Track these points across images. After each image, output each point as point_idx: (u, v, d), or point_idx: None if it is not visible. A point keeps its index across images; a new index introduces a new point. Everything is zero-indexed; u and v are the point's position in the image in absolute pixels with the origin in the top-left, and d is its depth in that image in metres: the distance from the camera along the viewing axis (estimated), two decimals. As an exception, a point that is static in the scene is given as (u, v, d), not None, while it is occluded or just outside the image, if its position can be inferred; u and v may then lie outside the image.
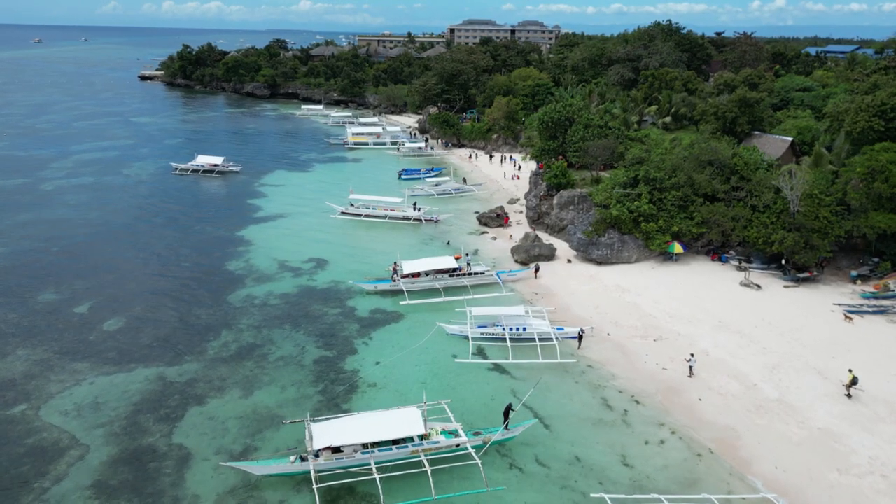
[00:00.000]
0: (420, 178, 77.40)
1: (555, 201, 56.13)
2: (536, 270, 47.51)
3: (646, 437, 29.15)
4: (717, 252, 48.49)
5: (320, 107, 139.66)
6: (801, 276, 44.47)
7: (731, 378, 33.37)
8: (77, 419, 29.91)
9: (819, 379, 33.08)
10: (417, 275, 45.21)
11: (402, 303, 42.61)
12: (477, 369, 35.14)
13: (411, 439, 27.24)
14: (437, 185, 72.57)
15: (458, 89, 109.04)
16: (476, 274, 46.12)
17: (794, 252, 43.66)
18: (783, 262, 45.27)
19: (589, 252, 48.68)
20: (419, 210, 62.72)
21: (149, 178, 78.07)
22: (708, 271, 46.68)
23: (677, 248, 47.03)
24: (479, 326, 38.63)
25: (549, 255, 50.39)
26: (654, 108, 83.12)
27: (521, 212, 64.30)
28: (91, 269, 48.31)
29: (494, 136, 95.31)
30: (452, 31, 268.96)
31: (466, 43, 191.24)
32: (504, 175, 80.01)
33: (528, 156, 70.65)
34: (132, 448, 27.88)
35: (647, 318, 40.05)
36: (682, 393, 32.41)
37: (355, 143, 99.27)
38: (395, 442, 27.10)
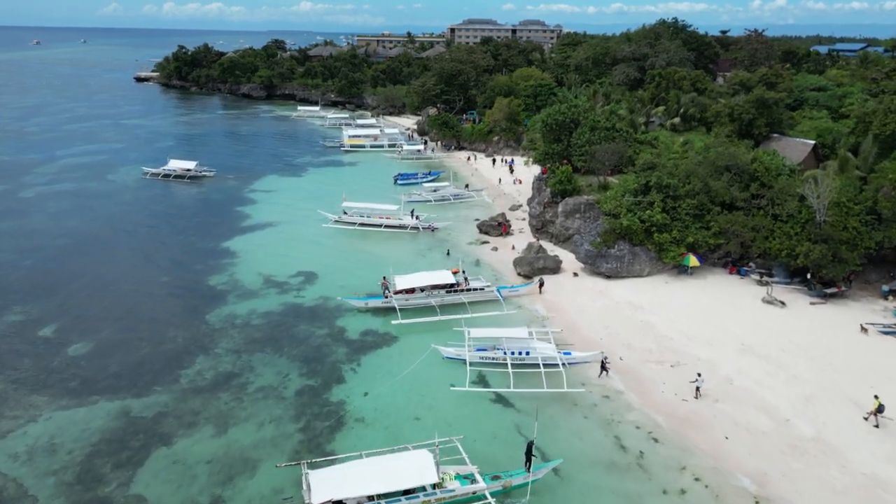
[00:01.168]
0: (417, 183, 73.99)
1: (560, 209, 52.75)
2: (541, 285, 44.13)
3: (665, 484, 25.75)
4: (736, 265, 45.07)
5: (317, 108, 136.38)
6: (829, 291, 41.05)
7: (759, 411, 29.95)
8: (28, 464, 26.61)
9: (858, 413, 29.65)
10: (411, 291, 41.86)
11: (393, 322, 39.25)
12: (476, 400, 31.76)
13: (423, 488, 23.93)
14: (434, 191, 69.19)
15: (458, 90, 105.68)
16: (475, 290, 42.74)
17: (821, 265, 40.22)
18: (808, 276, 41.82)
19: (597, 265, 45.29)
20: (417, 218, 59.35)
21: (134, 183, 74.82)
22: (726, 286, 43.24)
23: (693, 260, 43.61)
24: (478, 350, 35.26)
25: (555, 267, 47.00)
26: (661, 108, 79.76)
27: (524, 219, 60.93)
28: (63, 284, 45.02)
29: (495, 138, 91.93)
30: (453, 30, 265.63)
31: (467, 43, 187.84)
32: (500, 181, 76.21)
33: (531, 159, 67.23)
34: (84, 501, 24.55)
35: (663, 340, 36.64)
36: (706, 429, 29.01)
37: (352, 146, 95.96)
38: (405, 492, 23.79)
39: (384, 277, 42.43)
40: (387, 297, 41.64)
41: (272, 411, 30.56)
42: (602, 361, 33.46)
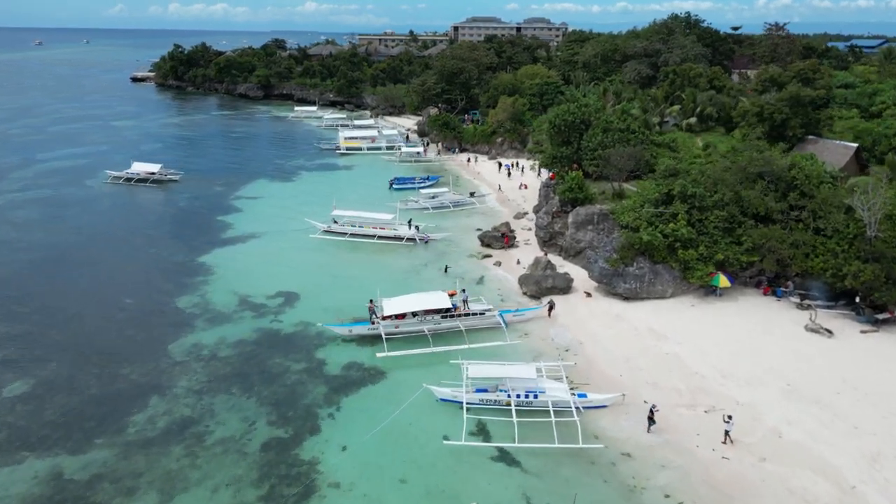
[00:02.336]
0: (415, 188, 68.84)
1: (570, 219, 47.59)
2: (550, 308, 38.97)
3: (711, 577, 20.62)
4: (771, 285, 39.83)
5: (314, 108, 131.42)
6: (881, 317, 35.77)
7: (817, 474, 24.75)
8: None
9: (938, 477, 24.43)
10: (402, 316, 36.78)
11: (379, 355, 34.16)
12: (475, 458, 26.65)
13: None
14: (432, 198, 64.07)
15: (460, 88, 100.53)
16: (475, 315, 37.62)
17: (873, 288, 34.95)
18: (857, 299, 36.53)
19: (614, 285, 40.10)
20: (417, 229, 54.24)
21: (112, 190, 70.05)
22: (762, 310, 37.98)
23: (723, 280, 38.37)
24: (478, 391, 30.18)
25: (565, 287, 41.85)
26: (676, 108, 74.55)
27: (530, 229, 55.77)
28: (12, 309, 40.11)
29: (499, 139, 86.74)
30: (456, 29, 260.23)
31: (470, 40, 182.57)
32: (500, 187, 70.61)
33: (538, 163, 62.07)
34: None
35: (693, 378, 31.44)
36: (754, 499, 23.83)
37: (347, 149, 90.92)
38: None
39: (371, 301, 37.33)
40: (374, 324, 36.59)
41: (231, 471, 25.55)
42: (650, 411, 28.02)
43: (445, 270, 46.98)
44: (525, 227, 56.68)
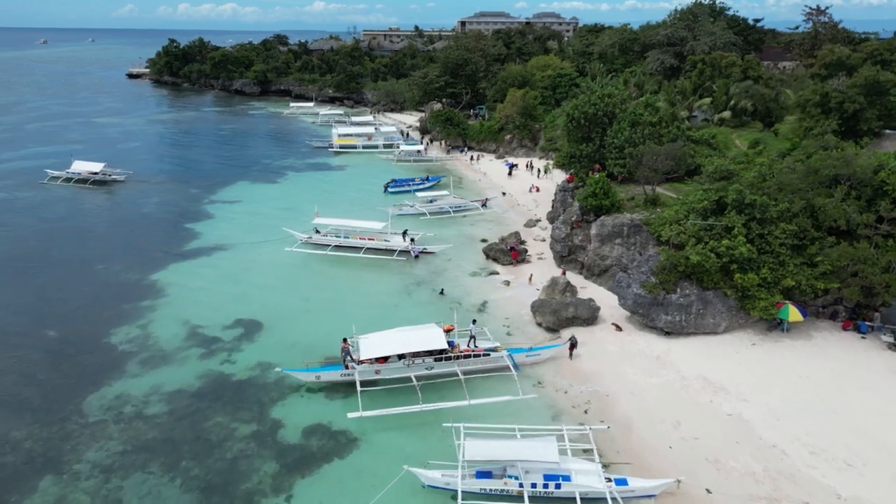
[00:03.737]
0: (413, 191, 60.85)
1: (593, 231, 39.51)
2: (572, 347, 30.90)
3: None
4: (852, 318, 31.56)
5: (311, 104, 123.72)
6: None
7: None
8: None
9: None
10: (384, 359, 28.87)
11: (351, 415, 26.18)
12: (473, 586, 18.70)
13: None
14: (430, 202, 56.04)
15: (465, 81, 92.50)
16: (477, 356, 29.66)
17: None
18: (972, 339, 28.25)
19: (652, 316, 31.95)
20: (411, 240, 46.27)
21: (73, 192, 62.60)
22: (844, 351, 29.72)
23: (793, 313, 30.14)
24: (479, 475, 22.21)
25: (590, 317, 33.77)
26: (707, 100, 66.17)
27: (544, 240, 47.72)
28: None
29: (507, 136, 78.62)
30: (463, 24, 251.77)
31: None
32: (504, 193, 62.28)
33: (552, 164, 54.01)
34: None
35: (771, 455, 23.31)
36: None
37: (341, 147, 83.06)
38: None
39: (345, 339, 29.37)
40: (348, 368, 28.71)
41: None
42: None
43: (442, 293, 39.05)
44: (538, 238, 48.61)
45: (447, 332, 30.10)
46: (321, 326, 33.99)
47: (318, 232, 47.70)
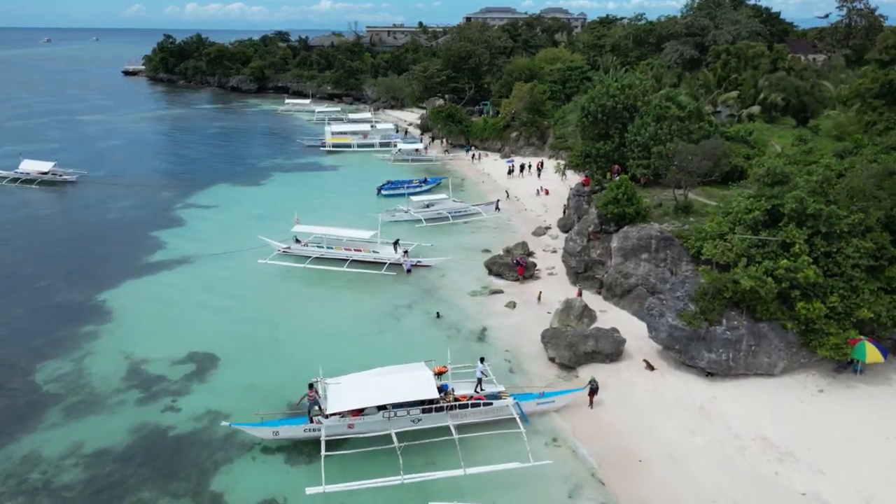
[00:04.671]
0: (410, 194, 54.88)
1: (614, 244, 33.56)
2: (592, 393, 24.94)
3: None
4: (943, 356, 25.52)
5: (307, 101, 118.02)
6: None
7: None
8: None
9: None
10: (359, 412, 23.01)
11: (310, 491, 20.27)
12: None
13: None
14: (426, 206, 50.12)
15: (468, 75, 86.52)
16: (476, 405, 23.77)
17: None
18: None
19: (691, 353, 25.98)
20: (404, 252, 40.38)
21: (36, 196, 57.11)
22: (938, 402, 23.68)
23: (871, 352, 24.11)
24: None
25: (614, 352, 27.82)
26: (734, 94, 60.08)
27: (554, 251, 41.81)
28: None
29: (513, 134, 72.64)
30: (468, 19, 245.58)
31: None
32: (507, 194, 55.87)
33: (565, 165, 48.07)
34: None
35: (868, 559, 17.35)
36: None
37: (334, 145, 77.29)
38: None
39: (311, 385, 23.52)
40: (312, 423, 22.89)
41: None
42: None
43: (438, 316, 33.21)
44: (548, 249, 42.68)
45: (439, 374, 24.21)
46: (288, 362, 28.22)
47: (297, 241, 41.94)
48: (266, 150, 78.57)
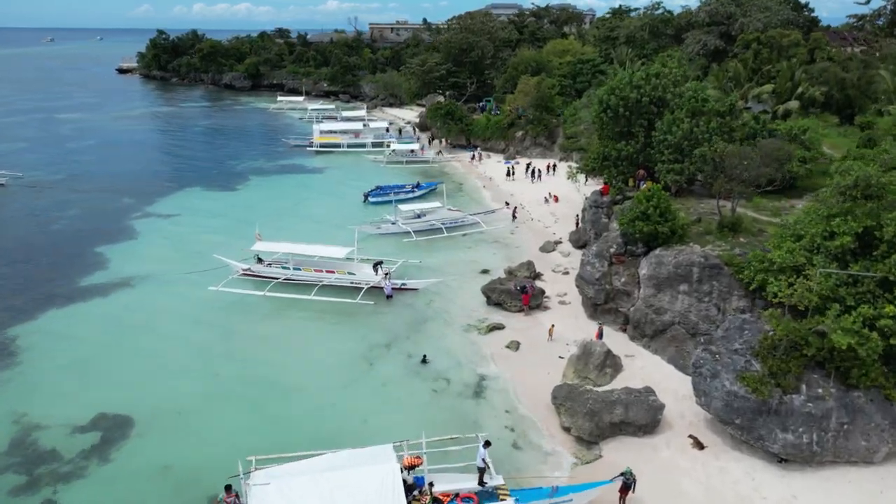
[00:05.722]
0: (401, 201, 48.05)
1: (643, 271, 26.67)
2: (625, 490, 18.05)
3: None
4: None
5: (300, 98, 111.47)
6: None
7: None
8: None
9: None
10: (296, 526, 16.22)
11: None
12: None
13: None
14: (417, 216, 43.32)
15: (470, 69, 79.68)
16: (463, 514, 16.95)
17: None
18: None
19: (758, 430, 19.06)
20: (385, 275, 33.50)
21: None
22: None
23: None
24: None
25: (649, 423, 20.92)
26: (768, 87, 53.04)
27: (566, 272, 34.97)
28: None
29: (518, 133, 65.80)
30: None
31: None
32: (507, 204, 48.30)
33: (578, 169, 41.22)
34: None
35: None
36: None
37: (322, 146, 70.65)
38: None
39: (229, 487, 16.75)
40: (233, 543, 16.13)
41: None
42: None
43: (423, 361, 26.46)
44: (559, 269, 35.81)
45: (410, 468, 17.38)
46: (221, 432, 21.55)
47: (260, 261, 35.25)
48: (248, 151, 71.96)
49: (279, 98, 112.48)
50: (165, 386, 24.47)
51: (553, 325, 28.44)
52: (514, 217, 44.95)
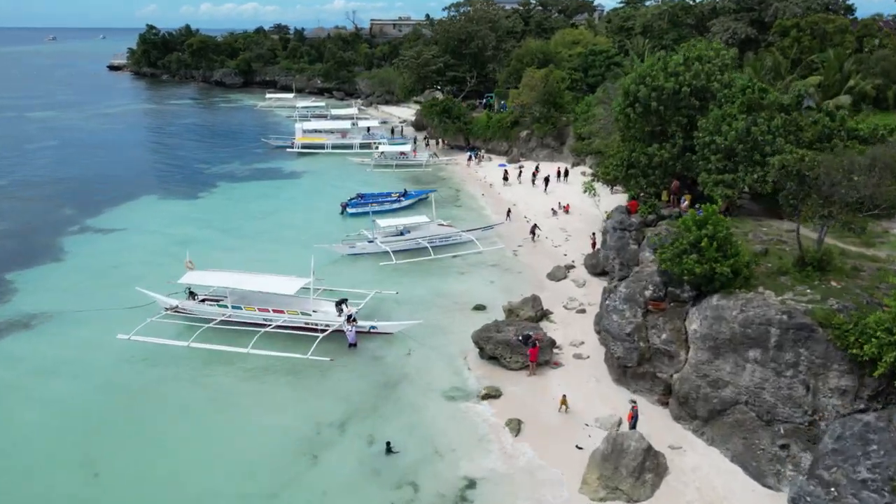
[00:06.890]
0: (384, 213, 40.68)
1: (693, 326, 19.14)
2: None
3: None
4: None
5: (290, 96, 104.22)
6: None
7: None
8: None
9: None
10: None
11: None
12: None
13: None
14: (399, 234, 35.80)
15: (470, 62, 72.13)
16: None
17: None
18: None
19: None
20: (349, 318, 25.84)
21: None
22: None
23: None
24: None
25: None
26: (814, 79, 45.56)
27: (582, 309, 27.48)
28: None
29: (523, 133, 58.23)
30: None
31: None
32: (508, 213, 41.44)
33: (596, 177, 33.66)
34: None
35: None
36: None
37: (304, 146, 63.32)
38: None
39: None
40: None
41: None
42: None
43: (388, 451, 19.02)
44: (572, 305, 28.26)
45: None
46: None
47: (192, 296, 27.85)
48: (222, 153, 64.77)
49: (268, 95, 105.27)
50: (23, 487, 17.14)
51: (565, 397, 20.93)
52: (532, 236, 37.16)
